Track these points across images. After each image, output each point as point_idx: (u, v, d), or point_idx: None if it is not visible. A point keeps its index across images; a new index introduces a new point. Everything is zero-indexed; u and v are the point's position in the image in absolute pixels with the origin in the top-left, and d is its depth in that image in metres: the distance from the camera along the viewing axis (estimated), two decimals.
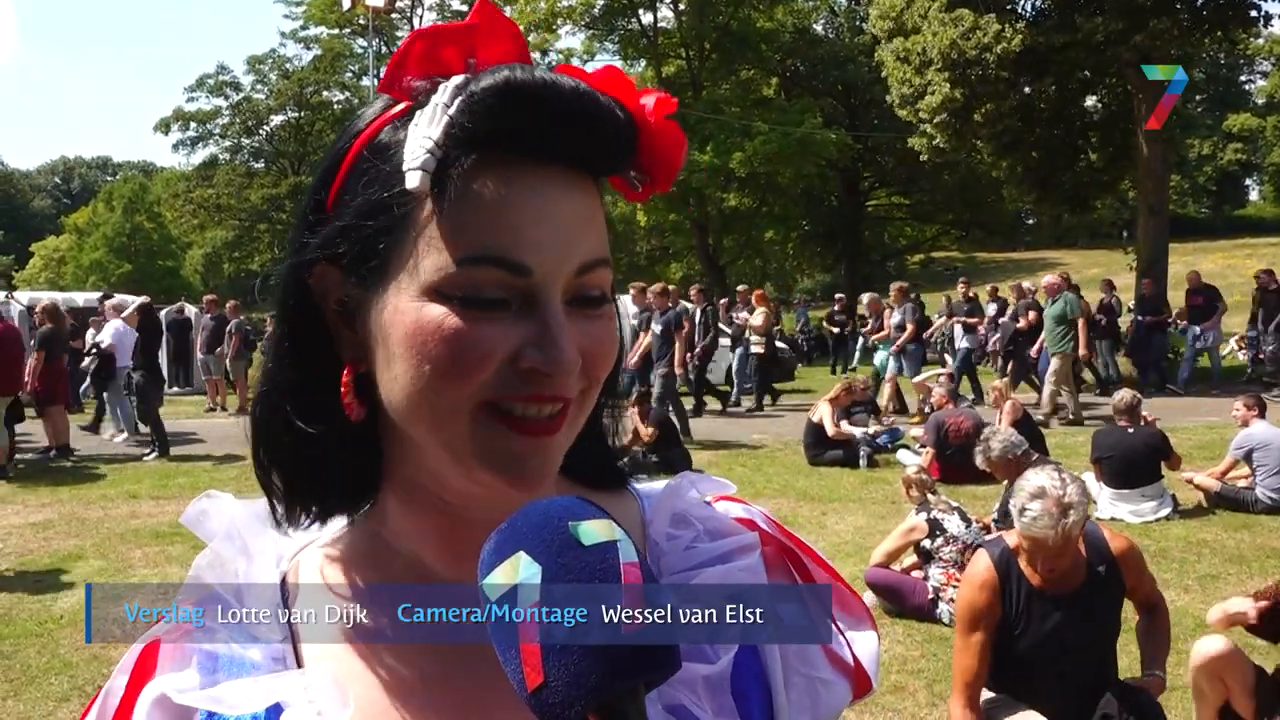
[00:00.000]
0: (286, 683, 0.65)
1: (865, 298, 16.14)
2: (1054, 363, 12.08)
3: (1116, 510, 7.32)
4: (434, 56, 0.62)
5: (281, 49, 49.05)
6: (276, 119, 47.34)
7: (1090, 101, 21.11)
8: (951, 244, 47.02)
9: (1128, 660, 4.60)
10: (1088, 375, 14.79)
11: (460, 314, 0.58)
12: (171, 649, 0.68)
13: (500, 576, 0.52)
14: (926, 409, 10.98)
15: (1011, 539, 3.25)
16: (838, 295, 16.24)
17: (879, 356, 13.84)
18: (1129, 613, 3.50)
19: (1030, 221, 54.73)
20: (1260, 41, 37.62)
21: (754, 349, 14.58)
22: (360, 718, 0.64)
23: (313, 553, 0.73)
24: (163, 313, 17.05)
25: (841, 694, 0.75)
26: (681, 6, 32.35)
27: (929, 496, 5.68)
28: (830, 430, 9.83)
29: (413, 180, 0.58)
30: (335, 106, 47.60)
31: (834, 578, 0.80)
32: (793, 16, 36.80)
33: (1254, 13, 17.89)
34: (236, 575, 0.70)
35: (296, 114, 46.66)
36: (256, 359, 15.68)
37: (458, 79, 0.59)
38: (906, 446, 10.05)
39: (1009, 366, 14.21)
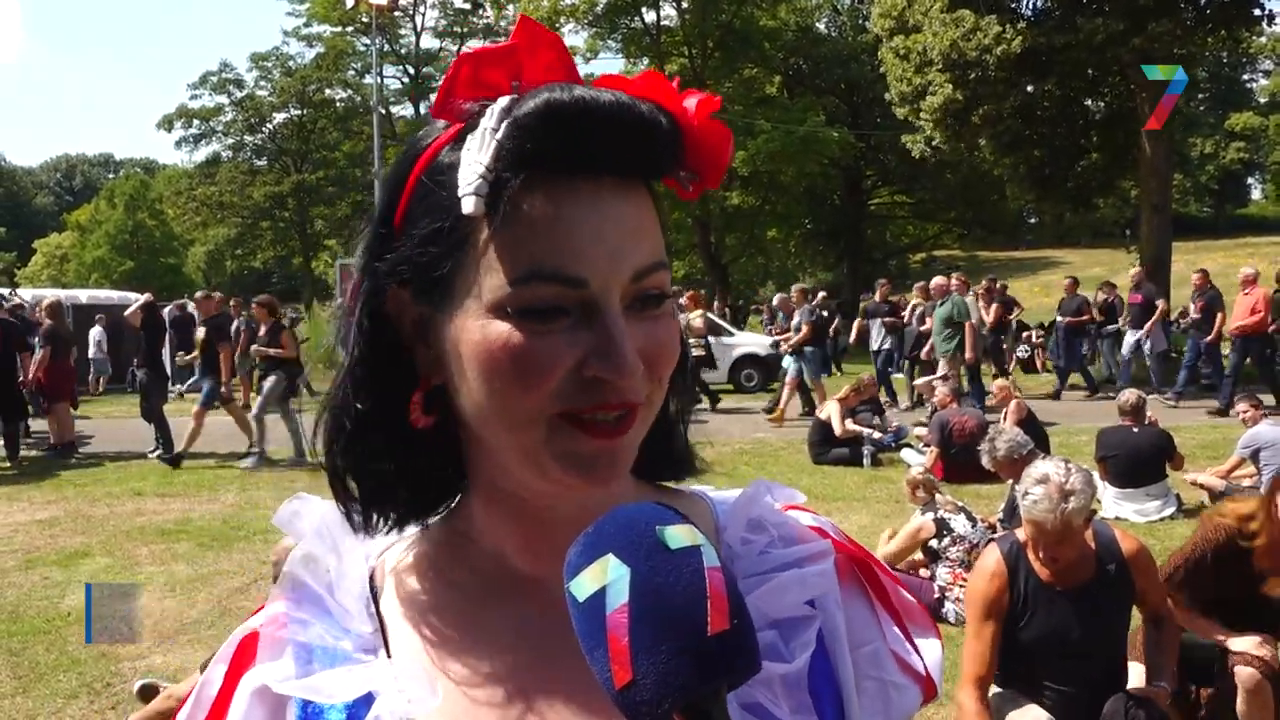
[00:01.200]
0: (377, 672, 0.68)
1: (776, 298, 16.05)
2: (940, 366, 12.02)
3: (1121, 509, 7.33)
4: (480, 79, 0.64)
5: (285, 46, 49.03)
6: (279, 116, 47.42)
7: (1092, 101, 21.09)
8: (953, 242, 46.99)
9: None
10: (1077, 378, 14.79)
11: (523, 329, 0.60)
12: (269, 640, 0.71)
13: (589, 578, 0.54)
14: (930, 409, 10.97)
15: (1022, 534, 3.28)
16: (820, 294, 16.05)
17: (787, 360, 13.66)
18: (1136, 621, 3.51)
19: (1032, 220, 54.71)
20: (1263, 40, 37.60)
21: (694, 352, 14.49)
22: (448, 706, 0.67)
23: (399, 549, 0.76)
24: (165, 310, 17.10)
25: (912, 698, 0.77)
26: (684, 5, 32.33)
27: (935, 496, 5.69)
28: (838, 429, 9.84)
29: (468, 205, 0.60)
30: (338, 104, 47.65)
31: (902, 588, 0.82)
32: (795, 15, 36.82)
33: (1257, 11, 17.90)
34: (328, 571, 0.74)
35: (299, 111, 46.70)
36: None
37: (503, 102, 0.61)
38: (910, 446, 10.06)
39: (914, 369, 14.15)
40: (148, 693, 4.34)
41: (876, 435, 10.13)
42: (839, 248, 41.21)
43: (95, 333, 19.49)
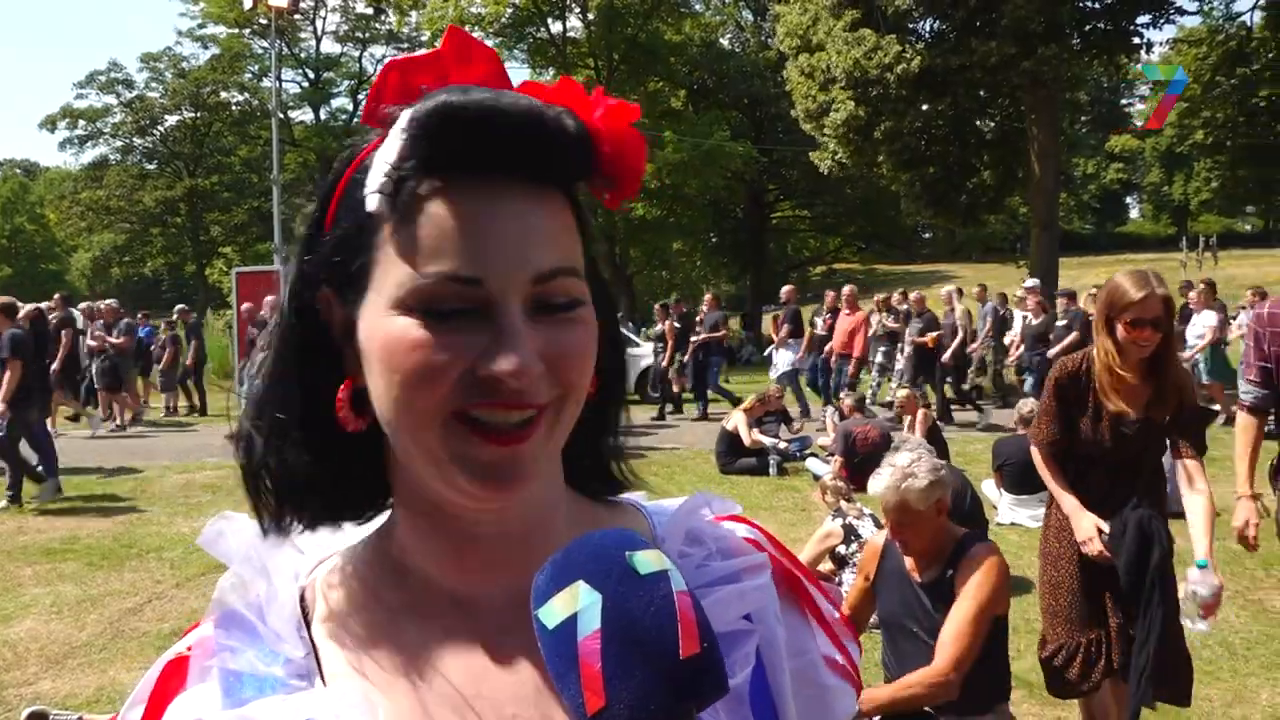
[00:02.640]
0: (315, 700, 0.65)
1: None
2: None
3: (1016, 515, 7.59)
4: (407, 86, 0.64)
5: (178, 47, 47.60)
6: (171, 119, 45.84)
7: (985, 122, 21.94)
8: (853, 256, 48.16)
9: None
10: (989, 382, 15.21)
11: (423, 324, 0.61)
12: (198, 669, 0.68)
13: (559, 605, 0.55)
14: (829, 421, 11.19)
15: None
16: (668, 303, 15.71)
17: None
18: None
19: (926, 235, 56.51)
20: (1140, 66, 39.53)
21: None
22: None
23: (328, 568, 0.74)
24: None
25: (850, 700, 0.79)
26: (590, 17, 32.43)
27: (843, 503, 5.80)
28: (746, 439, 9.97)
29: (370, 203, 0.62)
30: (234, 108, 46.33)
31: (825, 594, 0.83)
32: (700, 30, 37.28)
33: (1136, 39, 18.92)
34: (258, 595, 0.71)
35: (193, 114, 45.24)
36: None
37: (415, 105, 0.62)
38: (815, 455, 10.25)
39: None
40: None
41: (782, 445, 10.29)
42: (742, 260, 41.79)
43: None
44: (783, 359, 13.76)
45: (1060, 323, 12.74)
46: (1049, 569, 3.52)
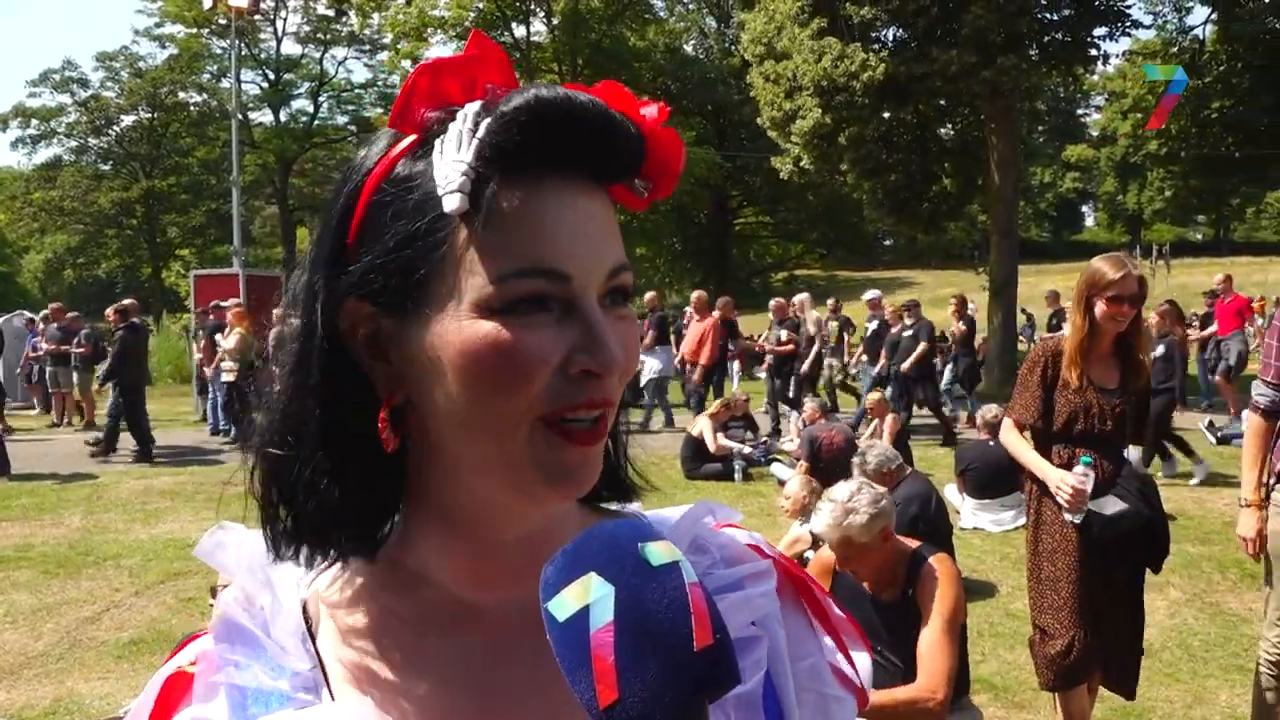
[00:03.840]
0: (324, 715, 0.64)
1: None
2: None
3: (979, 520, 7.67)
4: (438, 89, 0.64)
5: (134, 46, 46.85)
6: (127, 119, 45.21)
7: (946, 130, 22.23)
8: (815, 262, 48.55)
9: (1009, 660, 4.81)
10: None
11: (508, 327, 0.60)
12: (203, 685, 0.67)
13: (570, 597, 0.53)
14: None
15: None
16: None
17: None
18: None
19: (887, 242, 57.11)
20: (1096, 78, 40.30)
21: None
22: None
23: (332, 578, 0.72)
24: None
25: (850, 709, 0.78)
26: (555, 22, 32.45)
27: (809, 510, 5.83)
28: (712, 445, 10.00)
29: (451, 203, 0.59)
30: (192, 108, 45.75)
31: (829, 598, 0.83)
32: (664, 36, 37.47)
33: (1093, 51, 19.28)
34: (263, 609, 0.70)
35: (150, 114, 44.62)
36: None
37: (476, 105, 0.61)
38: (780, 460, 10.29)
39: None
40: None
41: (747, 450, 10.33)
42: (706, 266, 41.98)
43: None
44: (650, 366, 13.52)
45: (907, 334, 12.28)
46: (1046, 565, 3.53)
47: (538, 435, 0.62)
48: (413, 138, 0.64)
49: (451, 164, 0.60)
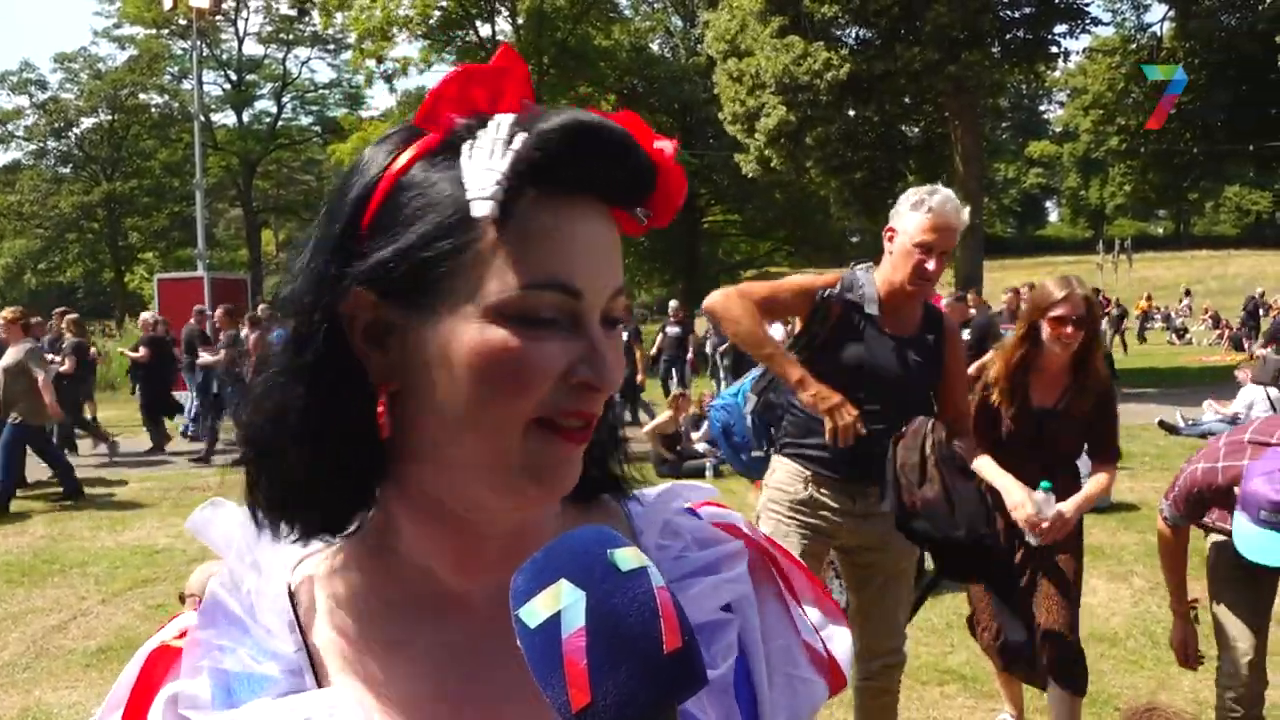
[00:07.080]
0: (311, 702, 0.65)
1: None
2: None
3: None
4: (466, 96, 0.66)
5: (93, 47, 46.20)
6: (87, 121, 44.50)
7: (910, 128, 22.40)
8: (784, 260, 48.72)
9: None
10: None
11: (521, 335, 0.62)
12: (190, 666, 0.68)
13: (541, 605, 0.55)
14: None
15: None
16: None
17: None
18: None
19: (855, 239, 57.38)
20: (1058, 74, 40.77)
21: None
22: None
23: (318, 562, 0.74)
24: None
25: (819, 692, 0.79)
26: (519, 20, 32.35)
27: None
28: (685, 442, 10.11)
29: (482, 209, 0.61)
30: (153, 110, 45.14)
31: (808, 577, 0.84)
32: (630, 35, 37.46)
33: (1055, 48, 19.53)
34: (249, 592, 0.71)
35: (110, 117, 43.95)
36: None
37: (510, 117, 0.64)
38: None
39: None
40: None
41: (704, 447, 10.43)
42: (675, 265, 42.03)
43: None
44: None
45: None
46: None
47: (529, 435, 0.64)
48: (435, 137, 0.66)
49: (484, 171, 0.62)
